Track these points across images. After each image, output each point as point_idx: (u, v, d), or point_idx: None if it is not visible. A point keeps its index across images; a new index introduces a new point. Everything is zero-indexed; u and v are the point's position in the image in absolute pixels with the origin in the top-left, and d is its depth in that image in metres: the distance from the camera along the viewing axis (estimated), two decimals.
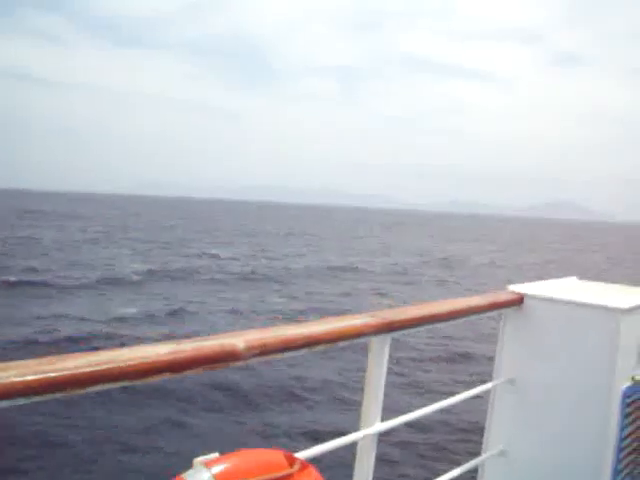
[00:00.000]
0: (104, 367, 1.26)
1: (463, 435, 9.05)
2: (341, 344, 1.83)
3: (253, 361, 1.56)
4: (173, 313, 18.27)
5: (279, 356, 1.63)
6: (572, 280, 3.21)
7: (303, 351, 1.68)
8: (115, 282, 24.21)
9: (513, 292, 2.67)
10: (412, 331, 2.16)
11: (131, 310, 18.41)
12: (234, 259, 36.20)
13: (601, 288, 3.04)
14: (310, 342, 1.68)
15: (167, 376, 1.38)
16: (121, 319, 16.94)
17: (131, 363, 1.30)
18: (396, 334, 2.02)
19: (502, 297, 2.61)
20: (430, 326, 2.24)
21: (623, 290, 2.96)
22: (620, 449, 2.55)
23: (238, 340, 1.51)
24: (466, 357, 14.31)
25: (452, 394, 2.43)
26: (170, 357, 1.37)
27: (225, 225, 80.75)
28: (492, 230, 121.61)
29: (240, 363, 1.52)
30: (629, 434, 2.62)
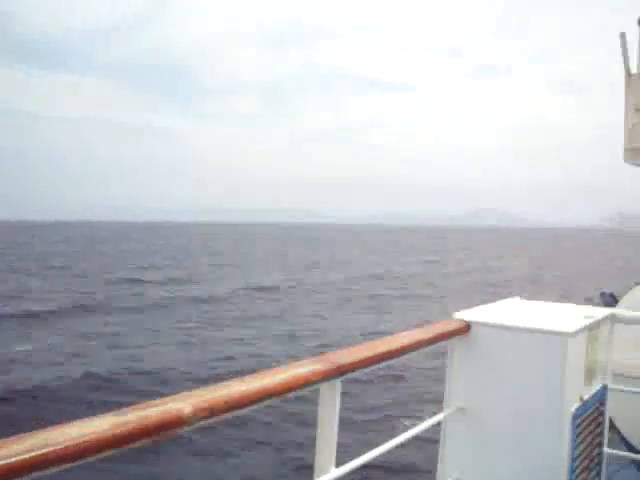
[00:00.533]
0: (39, 453, 1.13)
1: (421, 467, 8.73)
2: (290, 395, 1.76)
3: (201, 424, 1.47)
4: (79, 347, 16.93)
5: (228, 415, 1.56)
6: (516, 301, 3.22)
7: (252, 407, 1.63)
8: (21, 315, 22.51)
9: (459, 320, 2.65)
10: (363, 372, 2.09)
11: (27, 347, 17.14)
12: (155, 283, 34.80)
13: (545, 309, 3.06)
14: (257, 398, 1.63)
15: (111, 453, 1.28)
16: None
17: (70, 444, 1.18)
18: (346, 376, 1.96)
19: (449, 326, 2.59)
20: (381, 365, 2.17)
21: (566, 310, 2.98)
22: (572, 470, 2.59)
23: (184, 404, 1.42)
24: (415, 388, 13.46)
25: (405, 429, 2.40)
26: (113, 432, 1.26)
27: (140, 248, 78.13)
28: (422, 240, 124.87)
29: (188, 428, 1.43)
30: (579, 454, 2.65)
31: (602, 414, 2.96)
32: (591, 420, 2.79)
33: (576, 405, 2.59)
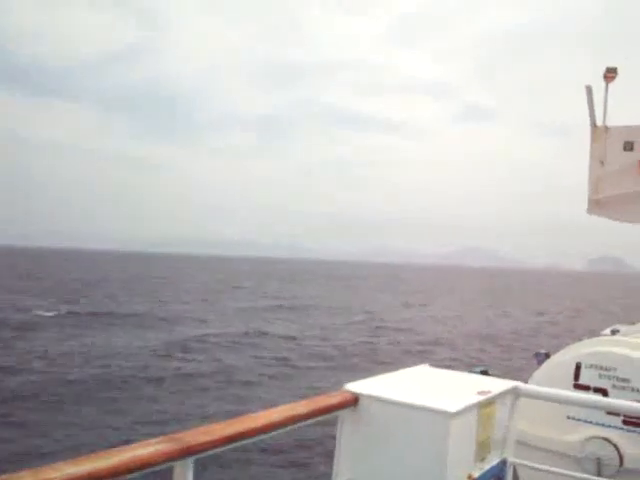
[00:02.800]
0: None
1: None
2: (130, 476, 1.67)
3: None
4: None
5: None
6: (422, 370, 3.17)
7: None
8: None
9: (348, 392, 2.62)
10: (221, 450, 1.98)
11: None
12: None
13: (446, 381, 3.01)
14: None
15: None
16: None
17: None
18: (200, 456, 1.87)
19: (337, 399, 2.54)
20: (243, 443, 2.06)
21: (467, 382, 2.93)
22: None
23: None
24: (301, 463, 11.59)
25: None
26: None
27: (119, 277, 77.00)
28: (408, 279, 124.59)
29: None
30: None
31: None
32: None
33: None
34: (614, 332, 6.05)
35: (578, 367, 3.93)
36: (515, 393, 2.98)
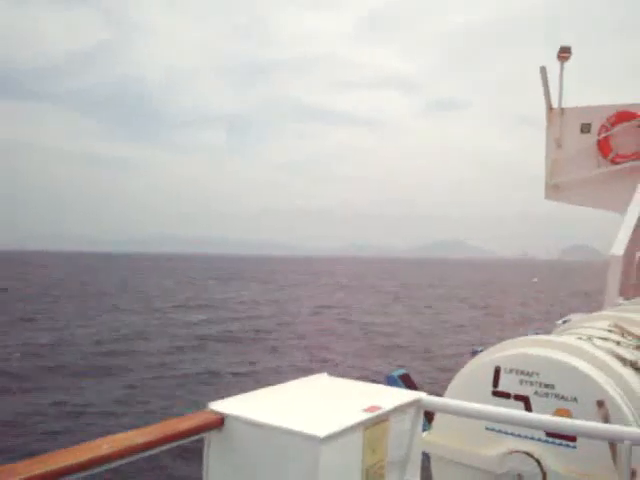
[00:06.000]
0: None
1: None
2: None
3: None
4: None
5: None
6: (317, 379, 2.92)
7: None
8: None
9: (213, 412, 2.36)
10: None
11: None
12: None
13: (336, 393, 2.71)
14: None
15: None
16: None
17: None
18: None
19: (200, 419, 2.30)
20: (99, 469, 1.87)
21: (361, 396, 2.60)
22: None
23: None
24: None
25: None
26: None
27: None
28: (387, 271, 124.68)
29: None
30: None
31: None
32: None
33: None
34: (566, 322, 5.64)
35: (497, 371, 3.43)
36: (418, 406, 2.63)
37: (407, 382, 4.00)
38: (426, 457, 3.60)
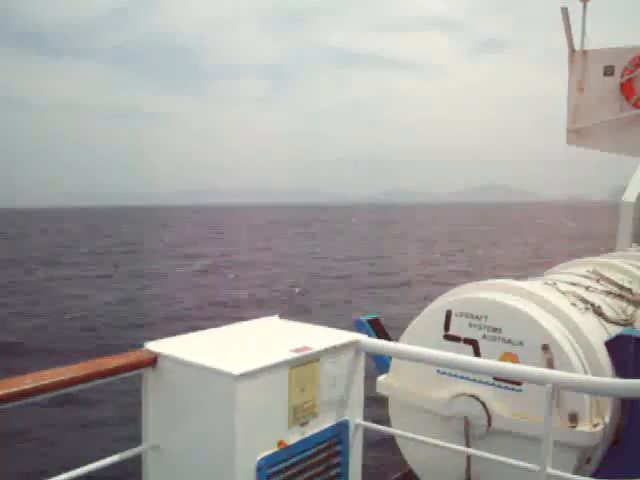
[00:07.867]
0: None
1: None
2: None
3: None
4: None
5: None
6: (265, 322, 3.05)
7: None
8: None
9: (148, 351, 2.53)
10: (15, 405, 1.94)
11: None
12: None
13: (276, 336, 2.81)
14: None
15: None
16: None
17: None
18: None
19: (134, 357, 2.47)
20: (41, 397, 2.05)
21: (300, 338, 2.70)
22: None
23: None
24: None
25: (100, 457, 2.35)
26: None
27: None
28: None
29: None
30: None
31: (339, 454, 2.70)
32: (308, 465, 2.56)
33: (268, 452, 2.38)
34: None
35: (448, 315, 3.54)
36: (356, 347, 2.74)
37: (375, 326, 4.20)
38: (385, 400, 3.86)
